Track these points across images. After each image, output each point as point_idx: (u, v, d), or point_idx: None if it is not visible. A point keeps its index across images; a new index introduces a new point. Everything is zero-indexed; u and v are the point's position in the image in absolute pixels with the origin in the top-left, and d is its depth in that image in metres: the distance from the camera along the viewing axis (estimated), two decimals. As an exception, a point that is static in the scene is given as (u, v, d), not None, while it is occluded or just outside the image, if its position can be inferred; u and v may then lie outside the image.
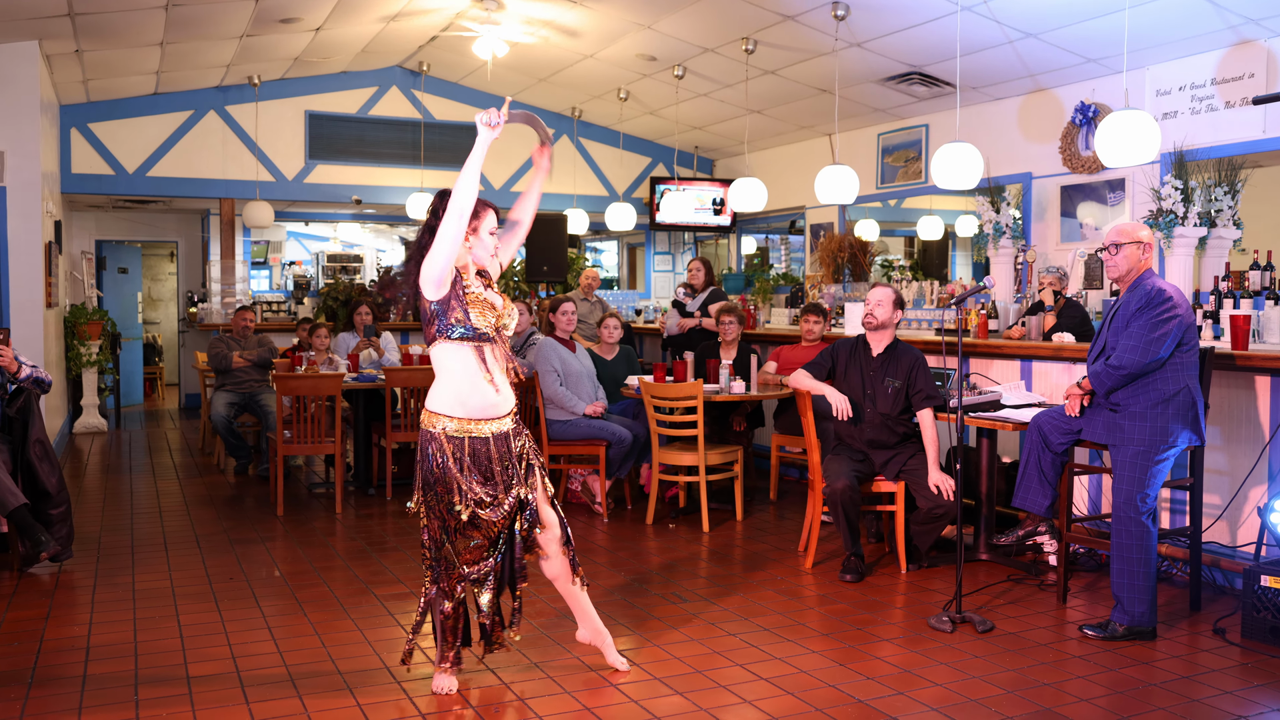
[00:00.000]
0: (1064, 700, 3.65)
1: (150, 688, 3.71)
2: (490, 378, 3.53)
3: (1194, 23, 6.27)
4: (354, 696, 3.63)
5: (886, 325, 5.35)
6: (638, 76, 9.59)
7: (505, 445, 3.59)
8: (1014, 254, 7.93)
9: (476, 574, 3.67)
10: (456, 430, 3.52)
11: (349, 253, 15.43)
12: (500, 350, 3.57)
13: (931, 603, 4.78)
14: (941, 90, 8.28)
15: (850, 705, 3.59)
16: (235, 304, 11.04)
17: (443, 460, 3.52)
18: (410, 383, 7.12)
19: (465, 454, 3.52)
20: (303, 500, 7.16)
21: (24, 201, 8.29)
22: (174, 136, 10.41)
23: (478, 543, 3.62)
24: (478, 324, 3.49)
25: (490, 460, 3.56)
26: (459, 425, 3.52)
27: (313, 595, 4.87)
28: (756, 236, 12.97)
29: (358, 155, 11.06)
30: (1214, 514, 4.97)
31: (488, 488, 3.56)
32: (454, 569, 3.63)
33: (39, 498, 5.23)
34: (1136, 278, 4.41)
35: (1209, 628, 4.42)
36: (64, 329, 10.09)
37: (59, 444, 8.98)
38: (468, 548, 3.61)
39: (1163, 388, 4.28)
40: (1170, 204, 6.45)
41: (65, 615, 4.57)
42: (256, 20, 8.14)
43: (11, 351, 5.21)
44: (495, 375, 3.54)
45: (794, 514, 6.65)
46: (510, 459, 3.60)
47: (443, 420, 3.52)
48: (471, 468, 3.53)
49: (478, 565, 3.66)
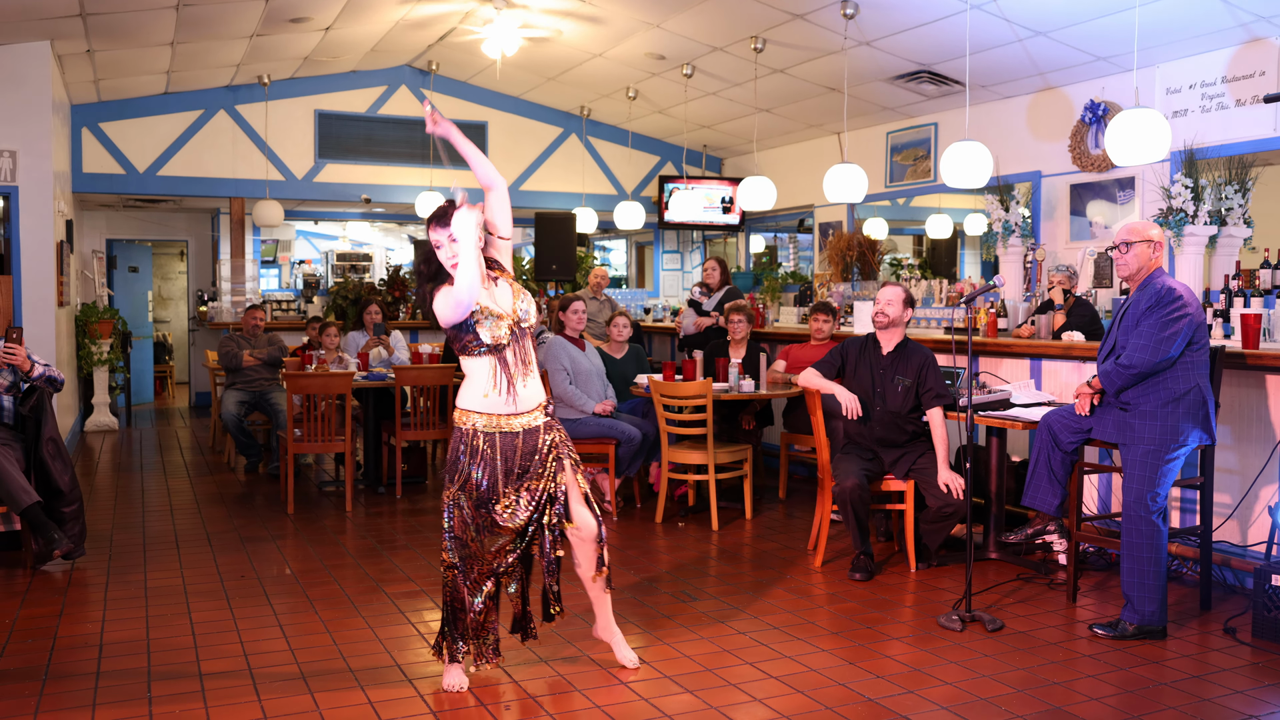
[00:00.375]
0: (1074, 699, 3.65)
1: (163, 684, 3.73)
2: (510, 380, 3.59)
3: (1205, 20, 6.25)
4: (365, 694, 3.65)
5: (897, 324, 5.35)
6: (646, 75, 9.59)
7: (534, 440, 3.64)
8: (1023, 253, 7.91)
9: (503, 567, 3.71)
10: (486, 426, 3.60)
11: (358, 251, 15.46)
12: (520, 350, 3.61)
13: (941, 601, 4.79)
14: (951, 89, 8.26)
15: (860, 703, 3.60)
16: (245, 303, 11.08)
17: (472, 455, 3.59)
18: (420, 381, 7.14)
19: (496, 449, 3.59)
20: (313, 498, 7.18)
21: (36, 201, 8.33)
22: (184, 136, 10.45)
23: (505, 539, 3.68)
24: (490, 339, 3.55)
25: (518, 454, 3.62)
26: (488, 421, 3.60)
27: (323, 593, 4.89)
28: (765, 235, 12.97)
29: (367, 154, 11.08)
30: (1224, 513, 4.96)
31: (514, 482, 3.61)
32: (482, 564, 3.66)
33: (52, 496, 5.26)
34: (1146, 276, 4.41)
35: (1219, 627, 4.41)
36: (75, 328, 10.13)
37: (70, 442, 9.02)
38: (495, 543, 3.67)
39: (1173, 386, 4.27)
40: (1180, 202, 6.44)
41: (78, 612, 4.60)
42: (266, 20, 8.17)
43: (24, 350, 5.24)
44: (515, 376, 3.60)
45: (803, 513, 6.65)
46: (539, 454, 3.65)
47: (473, 417, 3.61)
48: (499, 463, 3.59)
49: (502, 559, 3.70)
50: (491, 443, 3.60)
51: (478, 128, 11.38)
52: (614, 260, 15.66)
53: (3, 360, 5.22)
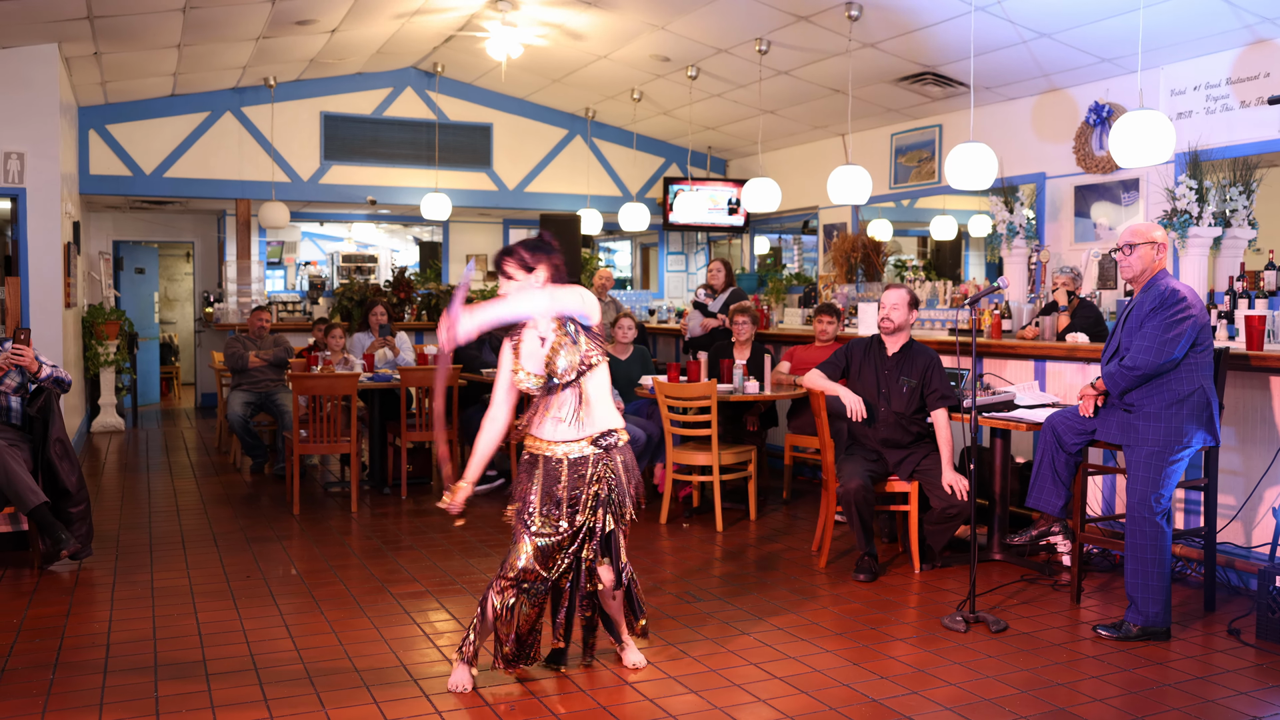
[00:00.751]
0: (1078, 700, 3.65)
1: (170, 684, 3.75)
2: (553, 414, 3.68)
3: (1209, 22, 6.26)
4: (371, 694, 3.67)
5: (903, 328, 5.36)
6: (651, 77, 9.61)
7: (579, 471, 3.67)
8: (1027, 254, 7.91)
9: (528, 583, 3.68)
10: (532, 446, 3.74)
11: (364, 253, 15.50)
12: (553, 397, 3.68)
13: (945, 602, 4.79)
14: (955, 90, 8.27)
15: (864, 704, 3.61)
16: (251, 304, 11.11)
17: (522, 474, 3.75)
18: (425, 382, 7.16)
19: (539, 470, 3.69)
20: (318, 499, 7.21)
21: (43, 202, 8.36)
22: (191, 138, 10.49)
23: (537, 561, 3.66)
24: (528, 390, 3.69)
25: (560, 482, 3.67)
26: (534, 443, 3.73)
27: (329, 593, 4.91)
28: (770, 236, 12.97)
29: (372, 156, 11.11)
30: (1229, 514, 4.96)
31: (552, 508, 3.66)
32: (513, 570, 3.66)
33: (59, 496, 5.28)
34: (1150, 278, 4.41)
35: (1223, 628, 4.41)
36: (82, 329, 10.17)
37: (77, 443, 9.06)
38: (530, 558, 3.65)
39: (1177, 388, 4.27)
40: (1185, 204, 6.44)
41: (85, 612, 4.62)
42: (273, 22, 8.20)
43: (32, 351, 5.27)
44: (556, 412, 3.68)
45: (807, 514, 6.66)
46: (581, 485, 3.68)
47: (529, 439, 3.75)
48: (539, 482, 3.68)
49: (533, 575, 3.66)
50: (534, 463, 3.73)
51: (483, 130, 11.41)
52: (619, 262, 15.68)
53: (11, 361, 5.25)
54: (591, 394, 3.69)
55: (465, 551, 5.70)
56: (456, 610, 4.66)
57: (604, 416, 3.72)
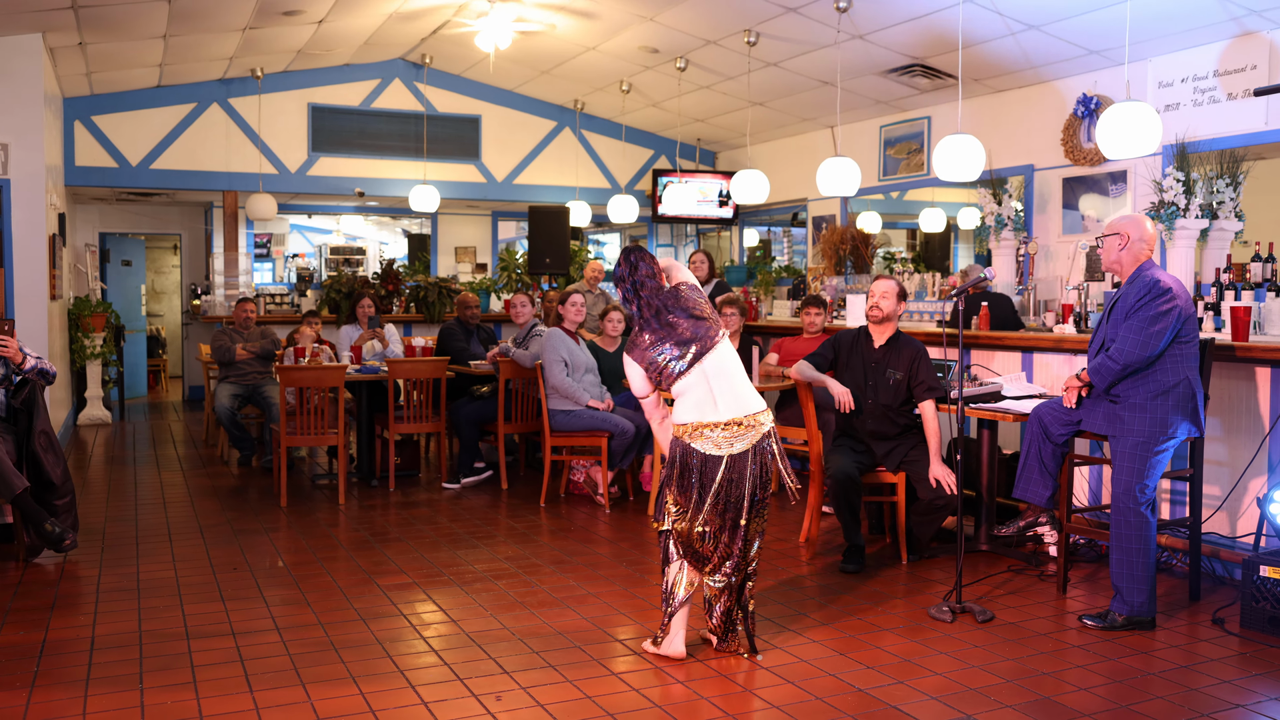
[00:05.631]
0: (1063, 689, 3.67)
1: (155, 675, 3.74)
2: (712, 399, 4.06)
3: (1196, 14, 6.27)
4: (357, 685, 3.66)
5: (890, 318, 5.36)
6: (640, 69, 9.59)
7: (737, 466, 3.98)
8: (1016, 246, 7.93)
9: (701, 557, 3.94)
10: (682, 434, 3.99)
11: (352, 245, 15.46)
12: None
13: (932, 593, 4.80)
14: (943, 82, 8.27)
15: (851, 694, 3.62)
16: (238, 296, 11.07)
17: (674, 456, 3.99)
18: (413, 374, 7.14)
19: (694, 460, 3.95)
20: (306, 491, 7.19)
21: (28, 194, 8.31)
22: (177, 129, 10.43)
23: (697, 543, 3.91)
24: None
25: (704, 470, 3.93)
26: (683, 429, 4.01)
27: (316, 585, 4.90)
28: (759, 229, 12.98)
29: (360, 148, 11.07)
30: (1214, 505, 4.99)
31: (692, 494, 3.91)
32: (688, 546, 3.91)
33: (44, 488, 5.26)
34: (1135, 269, 4.42)
35: (1208, 617, 4.44)
36: (68, 321, 10.11)
37: (63, 436, 9.01)
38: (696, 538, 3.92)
39: (1162, 379, 4.29)
40: (1172, 196, 6.45)
41: (70, 605, 4.60)
42: (259, 13, 8.15)
43: (16, 343, 5.23)
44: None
45: (795, 505, 6.66)
46: (749, 479, 4.04)
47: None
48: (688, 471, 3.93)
49: (702, 554, 3.92)
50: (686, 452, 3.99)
51: (471, 121, 11.37)
52: (608, 254, 15.66)
53: (-6, 353, 5.21)
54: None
55: (452, 543, 5.70)
56: (443, 601, 4.65)
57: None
